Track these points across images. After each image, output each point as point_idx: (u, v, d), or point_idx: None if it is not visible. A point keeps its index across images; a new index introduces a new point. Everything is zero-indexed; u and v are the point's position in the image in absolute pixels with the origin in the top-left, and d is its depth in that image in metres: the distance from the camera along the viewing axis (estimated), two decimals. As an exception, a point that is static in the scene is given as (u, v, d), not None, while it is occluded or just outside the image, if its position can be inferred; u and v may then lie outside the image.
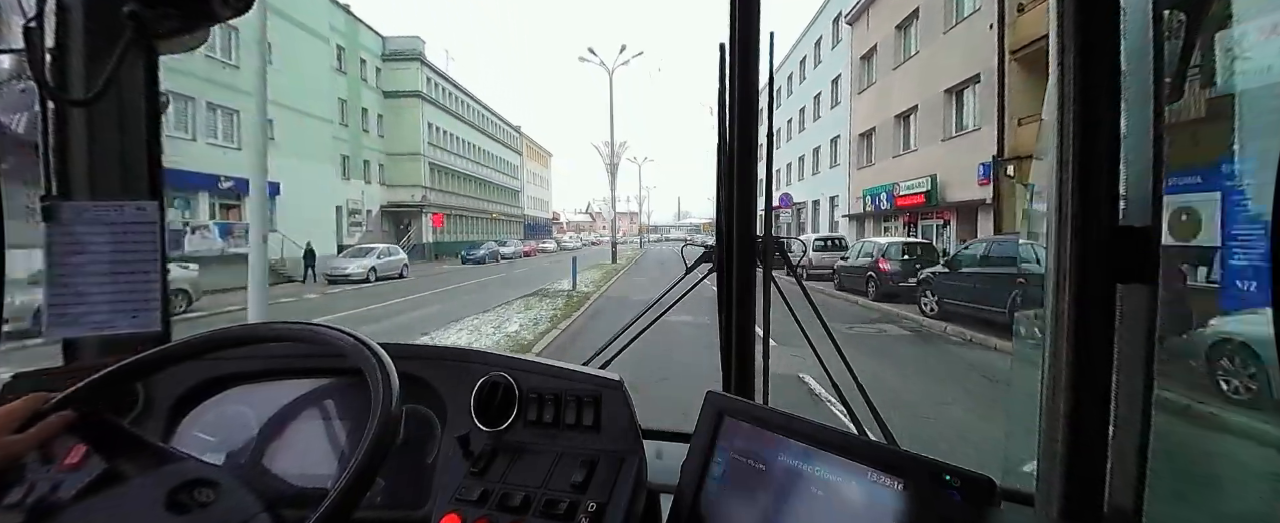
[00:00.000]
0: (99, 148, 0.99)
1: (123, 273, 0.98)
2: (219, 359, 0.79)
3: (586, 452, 0.71)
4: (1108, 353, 0.59)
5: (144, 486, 0.57)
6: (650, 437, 0.84)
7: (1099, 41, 0.58)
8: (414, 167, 33.71)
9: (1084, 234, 0.58)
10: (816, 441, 0.61)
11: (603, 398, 0.75)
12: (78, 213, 0.95)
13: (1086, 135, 0.58)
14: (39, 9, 0.84)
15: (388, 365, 0.57)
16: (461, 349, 0.85)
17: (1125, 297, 0.59)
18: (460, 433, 0.73)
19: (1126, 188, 0.59)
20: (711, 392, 0.70)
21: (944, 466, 0.54)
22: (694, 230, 69.90)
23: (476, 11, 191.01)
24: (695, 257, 1.21)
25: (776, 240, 1.07)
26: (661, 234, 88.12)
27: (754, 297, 0.98)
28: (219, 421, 0.82)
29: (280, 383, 0.84)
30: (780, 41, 26.77)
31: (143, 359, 0.62)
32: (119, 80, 0.85)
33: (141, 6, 0.83)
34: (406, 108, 33.48)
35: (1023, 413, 0.70)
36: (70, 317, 0.95)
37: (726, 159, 0.97)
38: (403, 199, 32.94)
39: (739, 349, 0.98)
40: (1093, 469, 0.60)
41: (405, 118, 33.43)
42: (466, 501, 0.67)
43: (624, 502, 0.65)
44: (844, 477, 0.58)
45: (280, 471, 0.76)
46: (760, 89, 0.99)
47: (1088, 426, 0.59)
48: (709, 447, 0.66)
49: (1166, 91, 0.60)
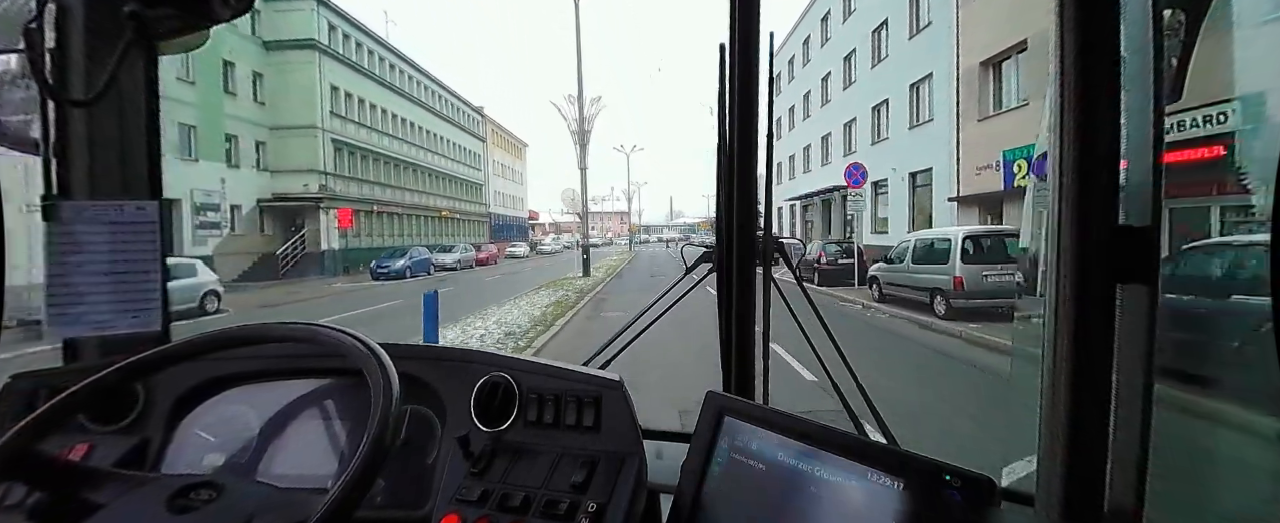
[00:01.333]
0: (99, 148, 0.99)
1: (123, 273, 0.98)
2: (219, 359, 0.79)
3: (586, 452, 0.71)
4: (1108, 353, 0.59)
5: (145, 491, 0.57)
6: (650, 437, 0.84)
7: (1099, 41, 0.58)
8: (307, 145, 23.74)
9: (1084, 234, 0.58)
10: (816, 440, 0.61)
11: (603, 398, 0.75)
12: (78, 212, 0.95)
13: (1086, 135, 0.58)
14: (39, 9, 0.84)
15: (388, 366, 0.57)
16: (461, 349, 0.85)
17: (1125, 297, 0.59)
18: (460, 433, 0.73)
19: (1126, 188, 0.59)
20: (711, 392, 0.70)
21: (944, 466, 0.54)
22: (690, 229, 67.89)
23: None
24: (695, 257, 1.21)
25: (776, 241, 1.07)
26: (655, 234, 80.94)
27: (754, 297, 0.98)
28: (219, 421, 0.82)
29: (280, 383, 0.84)
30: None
31: (143, 359, 0.62)
32: (119, 80, 0.85)
33: (141, 6, 0.83)
34: (296, 64, 23.60)
35: (1023, 413, 0.70)
36: (70, 317, 0.95)
37: (726, 159, 0.97)
38: (294, 189, 23.21)
39: (739, 349, 0.98)
40: (1093, 469, 0.60)
41: (295, 78, 23.50)
42: (466, 501, 0.67)
43: (624, 502, 0.65)
44: (844, 477, 0.58)
45: (280, 471, 0.76)
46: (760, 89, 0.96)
47: (1088, 426, 0.59)
48: (709, 447, 0.66)
49: (1166, 91, 0.60)
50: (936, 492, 0.54)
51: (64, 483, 0.58)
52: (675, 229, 79.04)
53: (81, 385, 0.60)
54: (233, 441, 0.80)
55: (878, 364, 6.25)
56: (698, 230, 58.31)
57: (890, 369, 6.14)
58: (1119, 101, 0.58)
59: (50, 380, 0.83)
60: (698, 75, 62.86)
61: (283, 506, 0.57)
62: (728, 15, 0.93)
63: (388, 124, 30.78)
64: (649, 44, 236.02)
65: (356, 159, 27.30)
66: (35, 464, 0.57)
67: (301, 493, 0.60)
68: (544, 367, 0.80)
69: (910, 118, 17.62)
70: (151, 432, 0.80)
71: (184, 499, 0.56)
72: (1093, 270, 0.58)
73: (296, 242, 23.48)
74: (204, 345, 0.64)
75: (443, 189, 37.52)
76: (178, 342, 0.65)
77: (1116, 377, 0.59)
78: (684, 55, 58.77)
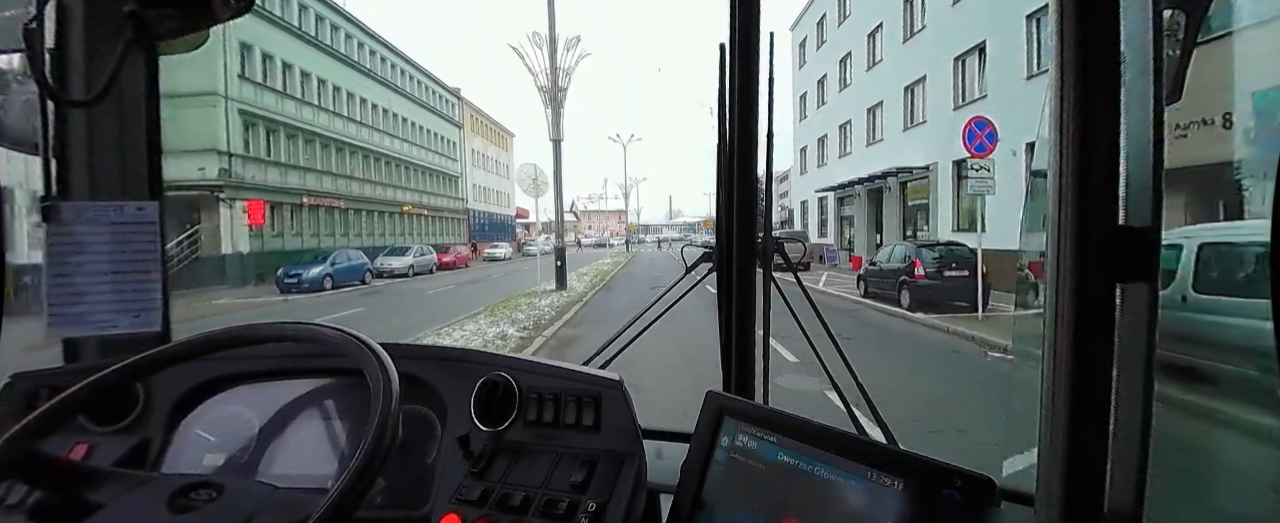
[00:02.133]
0: (99, 148, 0.99)
1: (123, 273, 0.98)
2: (219, 360, 0.79)
3: (586, 452, 0.71)
4: (1108, 353, 0.59)
5: (145, 491, 0.57)
6: (650, 437, 0.84)
7: (1099, 41, 0.58)
8: (203, 117, 18.02)
9: (1084, 234, 0.58)
10: (816, 441, 0.61)
11: (603, 398, 0.75)
12: (78, 213, 0.95)
13: (1086, 135, 0.58)
14: (39, 9, 0.84)
15: (388, 366, 0.57)
16: (461, 349, 0.85)
17: (1125, 297, 0.59)
18: (460, 433, 0.73)
19: (1126, 188, 0.59)
20: (711, 392, 0.70)
21: (944, 466, 0.54)
22: (690, 228, 66.54)
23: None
24: (695, 256, 1.21)
25: (776, 241, 1.07)
26: (654, 233, 74.75)
27: (754, 297, 0.98)
28: (219, 421, 0.82)
29: (280, 383, 0.84)
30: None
31: (143, 360, 0.62)
32: (119, 80, 0.85)
33: (141, 6, 0.83)
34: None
35: (1023, 413, 0.70)
36: (70, 317, 0.95)
37: (726, 159, 0.97)
38: (187, 174, 17.58)
39: (739, 349, 0.98)
40: (1093, 469, 0.60)
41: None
42: (466, 501, 0.67)
43: (624, 502, 0.65)
44: (844, 477, 0.58)
45: (280, 471, 0.76)
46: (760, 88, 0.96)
47: (1088, 426, 0.59)
48: (709, 447, 0.66)
49: (1166, 91, 0.60)
50: (936, 492, 0.54)
51: (64, 483, 0.58)
52: (674, 228, 77.15)
53: (82, 386, 0.60)
54: (233, 441, 0.80)
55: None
56: (700, 229, 57.15)
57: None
58: (1119, 101, 0.58)
59: (50, 381, 0.83)
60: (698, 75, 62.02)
61: (283, 505, 0.57)
62: (728, 15, 0.93)
63: (330, 98, 24.67)
64: (649, 44, 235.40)
65: (280, 138, 21.12)
66: (35, 464, 0.57)
67: (301, 493, 0.61)
68: (544, 367, 0.80)
69: (1027, 64, 11.91)
70: (152, 432, 0.80)
71: (184, 499, 0.56)
72: (1093, 270, 0.58)
73: (185, 243, 17.57)
74: (204, 346, 0.64)
75: (407, 180, 31.37)
76: (178, 342, 0.65)
77: (1116, 377, 0.59)
78: (684, 55, 58.92)
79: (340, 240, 24.07)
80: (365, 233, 26.78)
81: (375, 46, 29.25)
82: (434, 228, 34.16)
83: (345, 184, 25.81)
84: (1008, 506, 0.70)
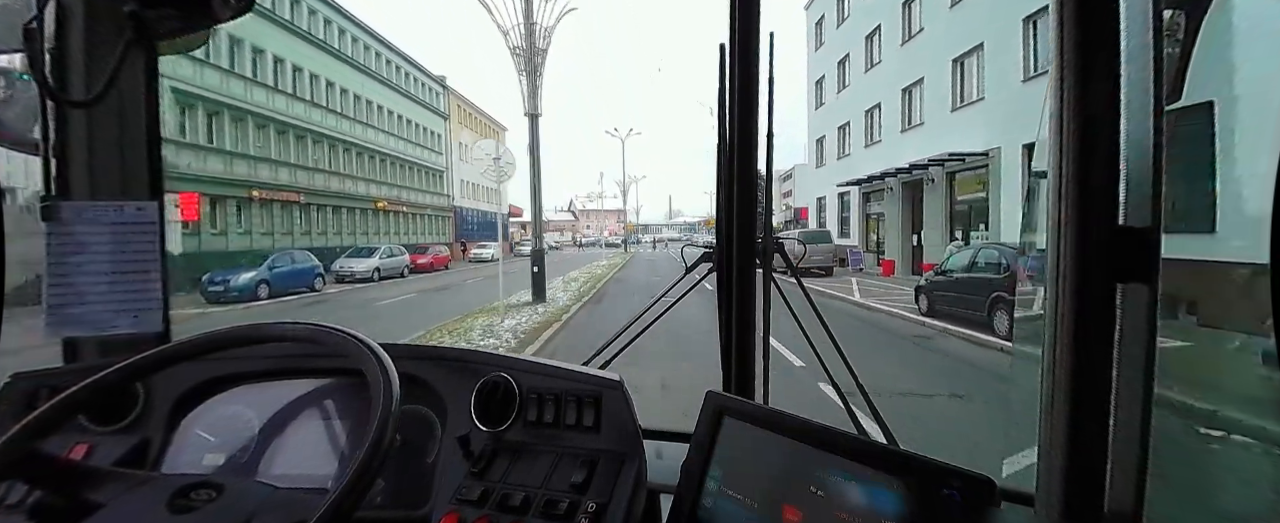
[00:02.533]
0: (99, 148, 0.99)
1: (123, 273, 0.98)
2: (219, 360, 0.79)
3: (586, 452, 0.71)
4: (1108, 353, 0.59)
5: (145, 491, 0.57)
6: (650, 437, 0.84)
7: (1099, 41, 0.58)
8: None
9: (1084, 234, 0.58)
10: (816, 441, 0.61)
11: (603, 398, 0.75)
12: (78, 213, 0.95)
13: (1086, 135, 0.58)
14: (39, 9, 0.84)
15: (388, 366, 0.57)
16: (461, 349, 0.85)
17: (1125, 297, 0.59)
18: (460, 433, 0.73)
19: (1126, 188, 0.59)
20: (711, 392, 0.70)
21: (944, 466, 0.54)
22: (690, 228, 65.93)
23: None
24: (694, 257, 1.21)
25: (776, 241, 1.07)
26: (652, 233, 71.76)
27: (754, 297, 0.98)
28: (219, 421, 0.82)
29: (281, 383, 0.84)
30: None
31: (143, 360, 0.62)
32: (119, 80, 0.85)
33: (141, 6, 0.83)
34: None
35: (1023, 413, 0.70)
36: (71, 317, 0.95)
37: (726, 159, 0.97)
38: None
39: (739, 349, 0.98)
40: (1093, 469, 0.60)
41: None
42: (467, 501, 0.67)
43: (624, 502, 0.65)
44: (844, 477, 0.58)
45: (281, 471, 0.76)
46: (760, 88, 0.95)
47: (1088, 426, 0.59)
48: (709, 447, 0.66)
49: (1166, 91, 0.60)
50: (936, 492, 0.54)
51: (64, 483, 0.58)
52: (674, 228, 75.91)
53: (82, 386, 0.60)
54: (233, 440, 0.80)
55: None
56: (700, 229, 56.32)
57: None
58: (1119, 102, 0.58)
59: (50, 381, 0.83)
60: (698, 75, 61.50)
61: (283, 505, 0.57)
62: (728, 15, 0.93)
63: (288, 80, 21.69)
64: (649, 44, 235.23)
65: (225, 122, 18.59)
66: (35, 464, 0.57)
67: (302, 493, 0.61)
68: (544, 367, 0.80)
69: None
70: (152, 432, 0.80)
71: (184, 499, 0.56)
72: (1093, 270, 0.58)
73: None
74: (204, 346, 0.64)
75: (382, 173, 28.18)
76: (178, 342, 0.65)
77: (1116, 377, 0.59)
78: (684, 55, 58.64)
79: (300, 240, 21.11)
80: (330, 231, 23.86)
81: (346, 25, 26.25)
82: (416, 226, 31.31)
83: (307, 176, 22.59)
84: (1008, 506, 0.70)
